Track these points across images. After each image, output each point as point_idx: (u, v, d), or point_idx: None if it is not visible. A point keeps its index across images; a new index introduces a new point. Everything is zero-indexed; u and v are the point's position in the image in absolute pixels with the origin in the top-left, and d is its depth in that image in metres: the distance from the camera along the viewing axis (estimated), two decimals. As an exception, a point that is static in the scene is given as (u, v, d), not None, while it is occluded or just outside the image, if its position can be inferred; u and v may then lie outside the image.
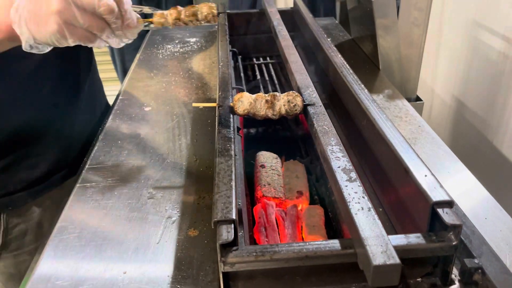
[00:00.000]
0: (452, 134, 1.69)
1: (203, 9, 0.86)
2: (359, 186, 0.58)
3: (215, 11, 0.88)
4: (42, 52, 0.72)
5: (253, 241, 0.82)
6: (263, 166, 1.02)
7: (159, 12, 0.85)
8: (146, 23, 0.80)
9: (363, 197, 0.56)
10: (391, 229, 0.71)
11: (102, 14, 0.67)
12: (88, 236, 0.72)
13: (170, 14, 0.84)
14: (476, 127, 1.51)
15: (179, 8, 0.86)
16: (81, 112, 1.06)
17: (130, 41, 0.76)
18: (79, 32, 0.67)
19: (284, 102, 0.79)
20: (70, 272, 0.65)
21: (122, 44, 0.76)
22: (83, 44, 0.70)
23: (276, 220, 0.90)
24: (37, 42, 0.68)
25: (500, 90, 1.37)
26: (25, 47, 0.69)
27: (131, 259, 0.67)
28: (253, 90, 1.30)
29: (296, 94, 0.79)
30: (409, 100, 1.31)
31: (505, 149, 1.37)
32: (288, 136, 1.29)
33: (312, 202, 0.96)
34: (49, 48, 0.71)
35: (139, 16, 0.76)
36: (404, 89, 1.32)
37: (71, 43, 0.68)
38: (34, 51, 0.71)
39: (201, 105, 0.78)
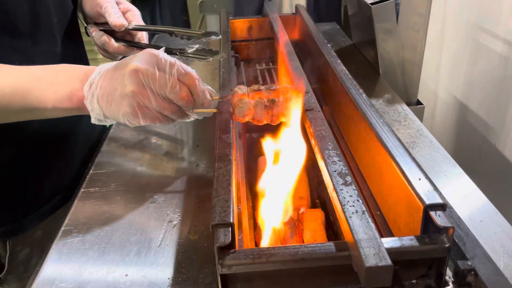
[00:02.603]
0: (455, 136, 1.69)
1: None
2: (354, 189, 0.59)
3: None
4: (107, 124, 0.75)
5: (254, 245, 0.83)
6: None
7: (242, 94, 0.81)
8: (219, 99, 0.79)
9: (358, 201, 0.57)
10: (388, 232, 0.72)
11: (173, 100, 0.69)
12: (92, 239, 0.74)
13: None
14: (479, 130, 1.51)
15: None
16: (83, 125, 1.06)
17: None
18: (151, 113, 0.69)
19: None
20: (73, 275, 0.67)
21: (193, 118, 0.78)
22: (154, 124, 0.72)
23: (277, 223, 0.91)
24: (106, 117, 0.71)
25: (503, 93, 1.38)
26: (93, 121, 0.72)
27: (133, 262, 0.69)
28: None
29: (294, 99, 0.80)
30: (410, 104, 1.31)
31: (508, 152, 1.37)
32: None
33: (313, 206, 0.97)
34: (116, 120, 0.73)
35: (214, 91, 0.76)
36: (405, 93, 1.33)
37: (142, 123, 0.70)
38: (101, 123, 0.73)
39: (201, 111, 0.80)
